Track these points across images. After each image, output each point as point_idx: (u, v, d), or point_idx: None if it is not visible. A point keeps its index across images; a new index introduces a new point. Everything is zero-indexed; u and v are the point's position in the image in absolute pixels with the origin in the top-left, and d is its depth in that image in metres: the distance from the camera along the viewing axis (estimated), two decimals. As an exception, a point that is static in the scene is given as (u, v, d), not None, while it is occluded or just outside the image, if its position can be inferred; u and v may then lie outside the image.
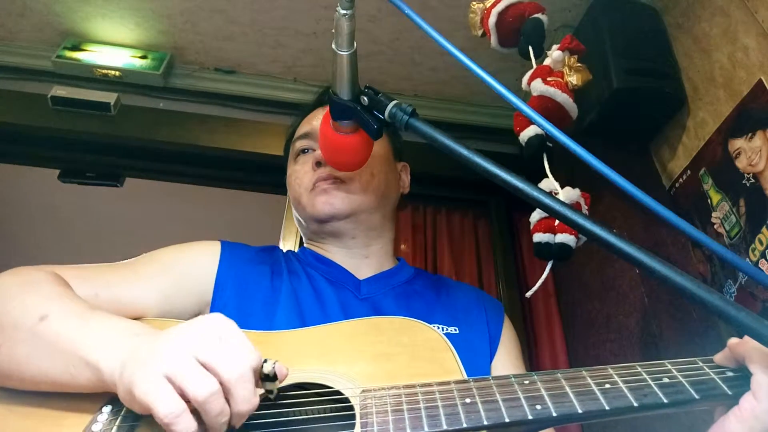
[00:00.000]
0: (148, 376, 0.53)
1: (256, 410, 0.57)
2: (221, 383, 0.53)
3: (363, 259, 1.02)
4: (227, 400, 0.54)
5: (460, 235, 2.21)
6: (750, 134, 1.48)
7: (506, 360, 0.96)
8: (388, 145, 1.10)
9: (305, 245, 1.09)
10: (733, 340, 0.61)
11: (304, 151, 1.05)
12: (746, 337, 0.59)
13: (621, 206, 1.72)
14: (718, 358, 0.63)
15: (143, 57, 2.14)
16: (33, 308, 0.66)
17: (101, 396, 0.62)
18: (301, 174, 1.03)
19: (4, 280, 0.71)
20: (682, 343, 1.44)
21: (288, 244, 1.97)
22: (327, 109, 1.08)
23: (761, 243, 1.38)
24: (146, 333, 0.62)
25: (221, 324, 0.58)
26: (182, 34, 2.11)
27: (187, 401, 0.52)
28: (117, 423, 0.60)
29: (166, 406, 0.51)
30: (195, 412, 0.53)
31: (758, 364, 0.57)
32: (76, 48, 2.11)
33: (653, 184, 1.79)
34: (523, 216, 2.11)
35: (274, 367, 0.57)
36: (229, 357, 0.54)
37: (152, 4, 1.99)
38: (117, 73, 2.11)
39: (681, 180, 1.73)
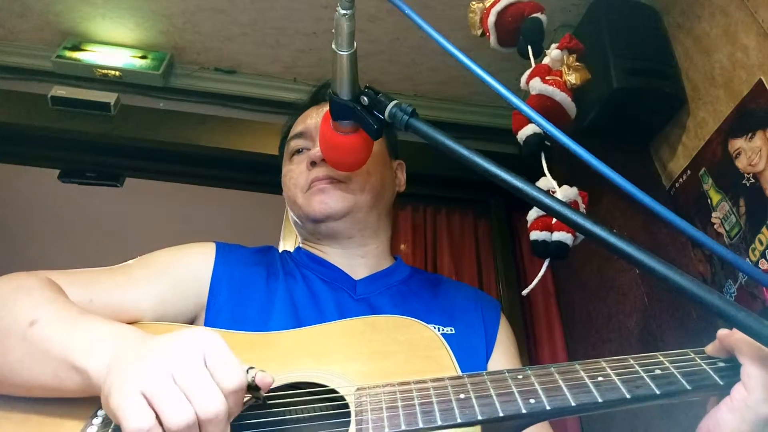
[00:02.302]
0: (125, 389, 0.52)
1: (252, 410, 0.57)
2: (196, 416, 0.52)
3: (359, 259, 1.01)
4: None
5: (460, 235, 2.21)
6: (750, 134, 1.47)
7: (503, 359, 0.96)
8: (383, 142, 1.09)
9: (300, 245, 1.09)
10: (722, 332, 0.61)
11: (299, 150, 1.04)
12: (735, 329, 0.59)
13: (621, 206, 1.72)
14: (709, 349, 0.63)
15: (143, 57, 2.14)
16: (23, 314, 0.65)
17: (96, 401, 0.61)
18: (296, 174, 1.02)
19: None
20: (682, 343, 1.43)
21: (288, 244, 1.97)
22: (323, 107, 1.07)
23: (761, 243, 1.38)
24: (134, 338, 0.61)
25: (207, 342, 0.56)
26: (182, 34, 2.11)
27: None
28: (111, 427, 0.60)
29: (134, 421, 0.50)
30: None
31: (747, 355, 0.58)
32: (76, 48, 2.11)
33: (653, 184, 1.79)
34: (522, 216, 2.10)
35: (254, 379, 0.57)
36: (208, 388, 0.53)
37: (152, 4, 1.99)
38: (117, 73, 2.11)
39: (681, 180, 1.72)
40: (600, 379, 0.59)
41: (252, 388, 0.57)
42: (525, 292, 0.97)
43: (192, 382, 0.53)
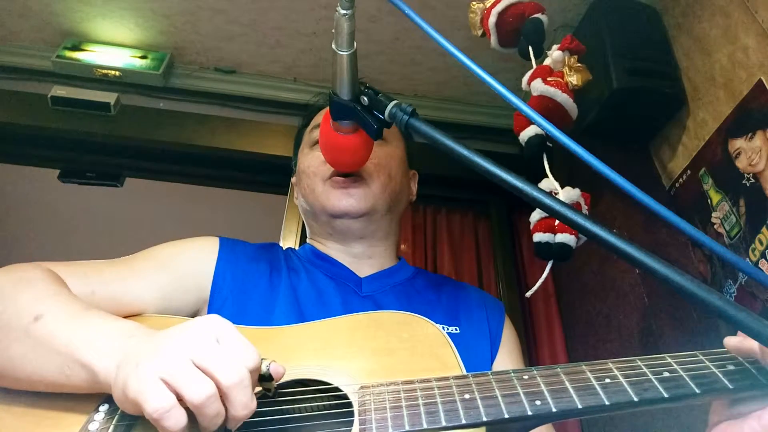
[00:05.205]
0: (142, 377, 0.52)
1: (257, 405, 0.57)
2: (219, 388, 0.52)
3: (366, 259, 1.01)
4: (224, 403, 0.53)
5: (460, 235, 2.21)
6: (750, 134, 1.48)
7: (507, 360, 0.95)
8: (404, 150, 1.09)
9: (308, 241, 1.08)
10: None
11: None
12: None
13: (621, 206, 1.72)
14: (732, 343, 0.60)
15: (143, 57, 2.14)
16: (27, 307, 0.65)
17: (98, 395, 0.62)
18: (319, 163, 0.99)
19: None
20: (682, 342, 1.44)
21: (288, 244, 1.97)
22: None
23: (761, 243, 1.38)
24: (142, 334, 0.61)
25: (218, 325, 0.57)
26: (182, 34, 2.11)
27: (182, 403, 0.52)
28: (114, 422, 0.60)
29: (155, 402, 0.50)
30: (187, 409, 0.52)
31: None
32: (76, 48, 2.11)
33: (653, 184, 1.79)
34: (523, 216, 2.11)
35: (269, 368, 0.57)
36: (226, 360, 0.53)
37: (152, 4, 1.99)
38: (117, 73, 2.10)
39: (681, 180, 1.72)
40: (607, 380, 0.58)
41: (265, 378, 0.57)
42: (528, 294, 0.97)
43: (208, 358, 0.53)
